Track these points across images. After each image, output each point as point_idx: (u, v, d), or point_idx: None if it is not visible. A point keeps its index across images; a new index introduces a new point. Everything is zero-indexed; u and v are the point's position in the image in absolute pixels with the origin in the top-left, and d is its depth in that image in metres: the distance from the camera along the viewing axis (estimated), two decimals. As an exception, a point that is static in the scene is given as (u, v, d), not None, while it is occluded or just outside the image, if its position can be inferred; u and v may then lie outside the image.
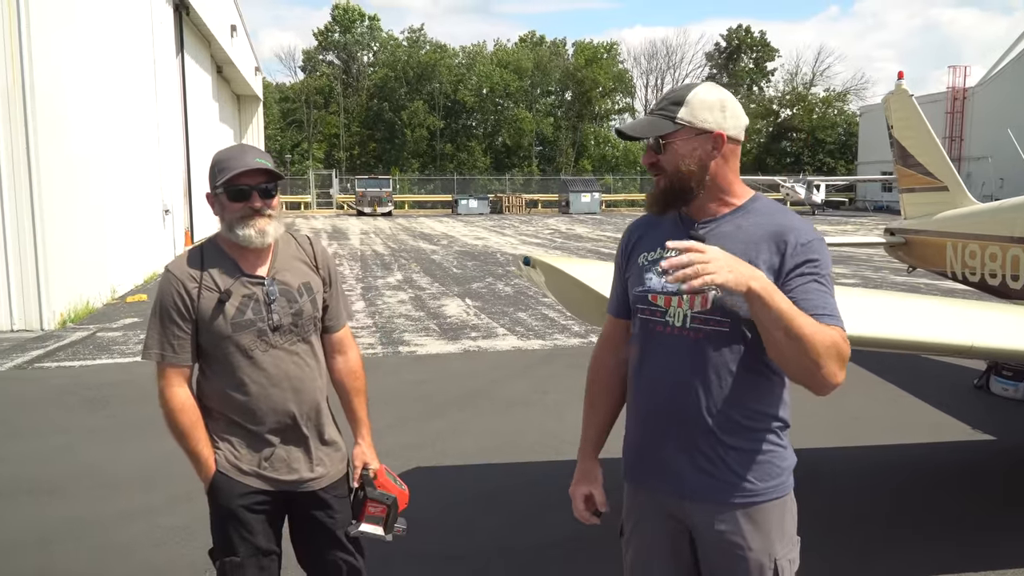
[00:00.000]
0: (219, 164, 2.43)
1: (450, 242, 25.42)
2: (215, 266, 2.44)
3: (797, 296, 1.86)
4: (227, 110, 33.55)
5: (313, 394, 2.53)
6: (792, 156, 61.96)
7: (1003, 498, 4.88)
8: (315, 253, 2.60)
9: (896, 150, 9.29)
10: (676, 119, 1.96)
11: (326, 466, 2.57)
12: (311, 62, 62.77)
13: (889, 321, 3.84)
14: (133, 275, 14.80)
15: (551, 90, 61.77)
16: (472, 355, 9.07)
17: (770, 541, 2.01)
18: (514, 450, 5.69)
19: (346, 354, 2.68)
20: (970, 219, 7.72)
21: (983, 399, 7.12)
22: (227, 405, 2.46)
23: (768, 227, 1.96)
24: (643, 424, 2.10)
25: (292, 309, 2.47)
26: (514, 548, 4.16)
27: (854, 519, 4.54)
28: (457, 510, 4.66)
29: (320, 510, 2.57)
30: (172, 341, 2.42)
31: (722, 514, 2.00)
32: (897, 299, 5.54)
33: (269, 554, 2.53)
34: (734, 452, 1.99)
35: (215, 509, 2.51)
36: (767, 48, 67.64)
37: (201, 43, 24.93)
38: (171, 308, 2.41)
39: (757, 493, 2.00)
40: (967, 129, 43.71)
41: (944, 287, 12.44)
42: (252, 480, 2.47)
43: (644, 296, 2.04)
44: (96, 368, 8.43)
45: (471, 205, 43.74)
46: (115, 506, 4.76)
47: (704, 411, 1.97)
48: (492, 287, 14.65)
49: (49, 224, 10.53)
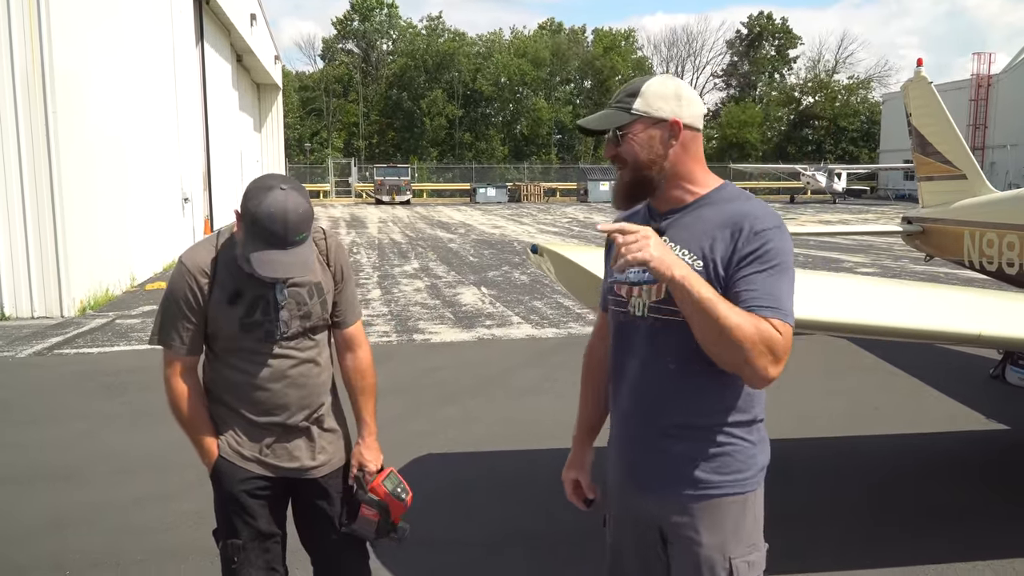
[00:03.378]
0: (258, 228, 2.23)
1: (467, 231, 25.46)
2: (229, 263, 2.41)
3: (740, 286, 1.83)
4: (247, 99, 33.70)
5: (317, 390, 2.54)
6: (814, 144, 61.45)
7: (1019, 487, 4.85)
8: (328, 249, 2.55)
9: (915, 138, 9.19)
10: (632, 110, 1.98)
11: (328, 453, 2.58)
12: (330, 51, 62.99)
13: (898, 310, 3.82)
14: (152, 263, 14.95)
15: (570, 78, 61.55)
16: (486, 343, 9.10)
17: (725, 538, 1.97)
18: (526, 438, 5.71)
19: (355, 351, 2.65)
20: (988, 208, 7.64)
21: (999, 389, 7.05)
22: (230, 395, 2.49)
23: (725, 215, 1.93)
24: (616, 415, 2.14)
25: (301, 312, 2.46)
26: (525, 534, 4.18)
27: (872, 506, 4.53)
28: (468, 496, 4.69)
29: (322, 499, 2.58)
30: (180, 332, 2.43)
31: (677, 507, 1.99)
32: (907, 288, 5.51)
33: (271, 536, 2.56)
34: (689, 444, 1.97)
35: (218, 493, 2.54)
36: (789, 35, 66.97)
37: (221, 32, 25.03)
38: (181, 300, 2.41)
39: (712, 486, 1.97)
40: (991, 117, 43.07)
41: (964, 276, 12.32)
42: (253, 466, 2.50)
43: (611, 287, 2.09)
44: (114, 355, 8.55)
45: (489, 194, 43.77)
46: (130, 491, 4.84)
47: (661, 401, 1.98)
48: (508, 276, 14.67)
49: (69, 211, 10.66)
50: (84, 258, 11.10)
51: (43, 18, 10.30)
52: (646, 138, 1.97)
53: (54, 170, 10.47)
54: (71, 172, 10.75)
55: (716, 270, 1.89)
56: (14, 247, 10.48)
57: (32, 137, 10.38)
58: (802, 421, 5.92)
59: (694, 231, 1.94)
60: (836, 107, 62.46)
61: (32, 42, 10.30)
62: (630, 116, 1.98)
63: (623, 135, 1.98)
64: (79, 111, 11.29)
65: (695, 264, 1.89)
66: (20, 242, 10.47)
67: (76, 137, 11.05)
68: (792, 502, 4.32)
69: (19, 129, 10.30)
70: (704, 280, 1.80)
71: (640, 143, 1.97)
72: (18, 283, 10.53)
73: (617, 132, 1.98)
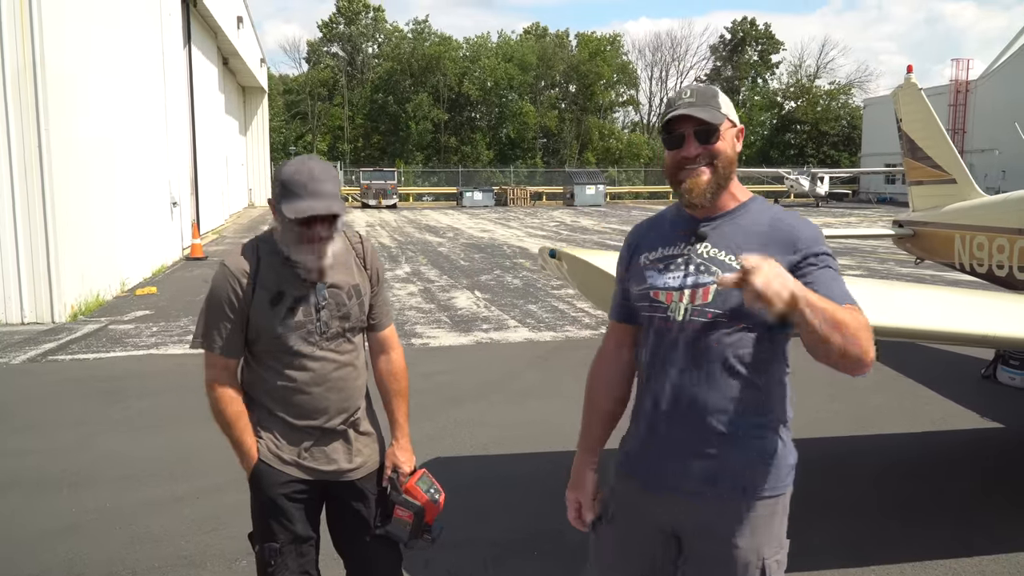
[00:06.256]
0: (288, 187, 2.34)
1: (456, 234, 25.47)
2: (270, 265, 2.45)
3: (811, 280, 1.88)
4: (232, 102, 33.60)
5: (354, 393, 2.58)
6: (796, 148, 61.95)
7: (1013, 484, 4.96)
8: (365, 252, 2.61)
9: (905, 143, 9.33)
10: (721, 110, 2.03)
11: (364, 455, 2.62)
12: (316, 54, 62.79)
13: (906, 311, 3.90)
14: (142, 268, 14.86)
15: (555, 83, 61.71)
16: (485, 347, 9.13)
17: (759, 540, 2.00)
18: (531, 441, 5.76)
19: (389, 354, 2.71)
20: (978, 211, 7.77)
21: (990, 388, 7.19)
22: (270, 398, 2.51)
23: (769, 225, 2.01)
24: (647, 419, 2.10)
25: (340, 312, 2.50)
26: (535, 535, 4.23)
27: (871, 503, 4.62)
28: (476, 497, 4.73)
29: (357, 501, 2.61)
30: (223, 334, 2.45)
31: (714, 510, 2.00)
32: (912, 290, 5.61)
33: (307, 540, 2.59)
34: (733, 449, 1.99)
35: (256, 497, 2.56)
36: (772, 40, 67.53)
37: (208, 34, 24.95)
38: (224, 302, 2.44)
39: (752, 490, 2.00)
40: (969, 122, 43.63)
41: (949, 278, 12.49)
42: (292, 470, 2.52)
43: (646, 293, 2.06)
44: (110, 361, 8.51)
45: (476, 197, 43.75)
46: (140, 496, 4.83)
47: (703, 406, 1.98)
48: (500, 279, 14.71)
49: (60, 216, 10.56)
50: (75, 263, 11.01)
51: (35, 19, 10.20)
52: (731, 137, 2.06)
53: (45, 174, 10.35)
54: (62, 176, 10.65)
55: None
56: (4, 252, 10.35)
57: (23, 140, 10.26)
58: (804, 422, 6.00)
59: (736, 238, 2.00)
60: (818, 112, 63.02)
61: (24, 43, 10.19)
62: (722, 115, 2.03)
63: (718, 133, 2.01)
64: (71, 114, 11.22)
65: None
66: (10, 247, 10.35)
67: (67, 140, 10.96)
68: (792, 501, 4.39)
69: (10, 132, 10.18)
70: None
71: (727, 142, 2.04)
72: (8, 288, 10.42)
73: (710, 131, 2.01)
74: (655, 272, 2.06)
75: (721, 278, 1.71)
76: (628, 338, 2.21)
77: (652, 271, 2.07)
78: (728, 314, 1.95)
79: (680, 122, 2.02)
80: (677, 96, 2.06)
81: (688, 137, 2.01)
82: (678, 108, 2.01)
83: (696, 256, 2.02)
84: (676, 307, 2.01)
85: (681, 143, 2.02)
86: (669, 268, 2.05)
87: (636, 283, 2.11)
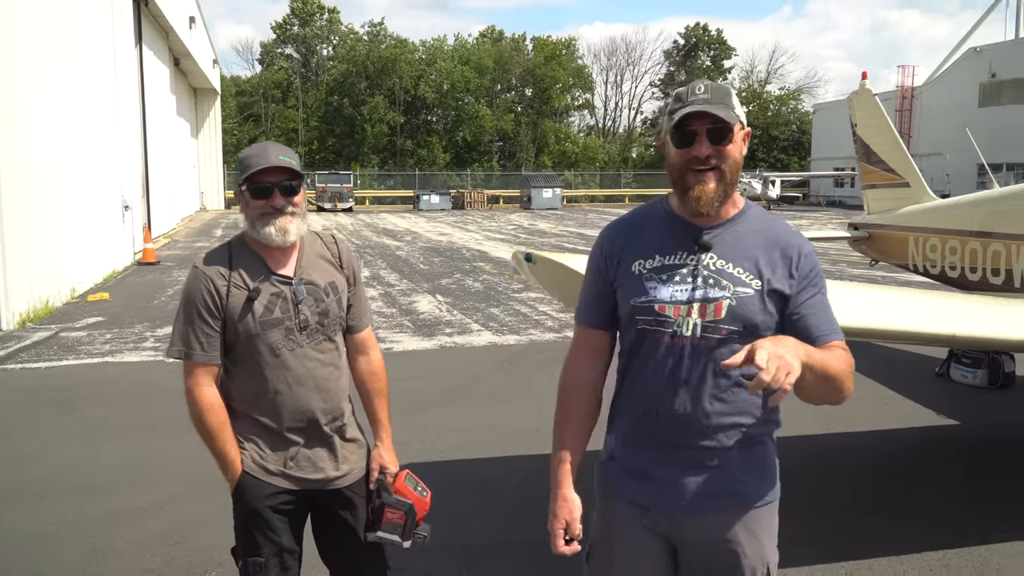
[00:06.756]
0: (243, 161, 2.43)
1: (414, 238, 25.33)
2: (243, 264, 2.44)
3: (807, 311, 1.92)
4: (184, 103, 32.99)
5: (338, 394, 2.55)
6: (748, 152, 62.79)
7: (973, 479, 5.11)
8: (339, 252, 2.61)
9: (859, 147, 9.54)
10: (735, 111, 1.93)
11: (351, 463, 2.59)
12: (269, 55, 61.91)
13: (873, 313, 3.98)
14: (93, 273, 14.48)
15: (511, 86, 61.80)
16: (450, 351, 9.09)
17: (763, 546, 2.01)
18: (500, 445, 5.75)
19: (368, 354, 2.69)
20: (931, 214, 7.98)
21: (945, 386, 7.39)
22: (252, 405, 2.47)
23: (768, 235, 1.99)
24: (639, 439, 2.04)
25: (319, 308, 2.48)
26: (509, 539, 4.22)
27: (845, 500, 4.72)
28: (450, 502, 4.66)
29: (344, 509, 2.58)
30: (200, 339, 2.40)
31: (720, 523, 1.99)
32: (877, 291, 5.73)
33: (292, 553, 2.54)
34: (739, 459, 1.98)
35: (240, 510, 2.50)
36: (724, 46, 68.53)
37: (159, 35, 24.47)
38: (200, 305, 2.40)
39: (756, 498, 2.01)
40: (915, 127, 44.83)
41: (900, 279, 12.80)
42: (279, 480, 2.48)
43: (650, 307, 1.96)
44: (62, 369, 8.27)
45: (433, 201, 43.54)
46: (102, 508, 4.71)
47: (712, 419, 1.94)
48: (461, 283, 14.67)
49: (7, 221, 10.23)
50: (23, 269, 10.66)
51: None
52: (740, 140, 1.97)
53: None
54: (10, 180, 10.32)
55: (772, 289, 1.94)
56: (-50, 258, 10.02)
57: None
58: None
59: (739, 248, 1.97)
60: (768, 117, 64.16)
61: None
62: (736, 115, 1.92)
63: (732, 134, 1.92)
64: (19, 117, 10.90)
65: (752, 282, 1.94)
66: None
67: (15, 144, 10.64)
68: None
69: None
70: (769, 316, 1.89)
71: (737, 145, 1.96)
72: (-48, 297, 10.08)
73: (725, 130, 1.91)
74: (657, 283, 1.96)
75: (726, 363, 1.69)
76: (604, 344, 2.13)
77: (654, 282, 1.96)
78: (742, 330, 1.91)
79: (693, 119, 1.91)
80: (689, 91, 1.93)
81: (700, 135, 1.91)
82: (692, 104, 1.90)
83: (703, 268, 1.95)
84: (684, 322, 1.93)
85: (692, 141, 1.91)
86: (674, 280, 1.95)
87: (634, 294, 1.99)
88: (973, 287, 6.88)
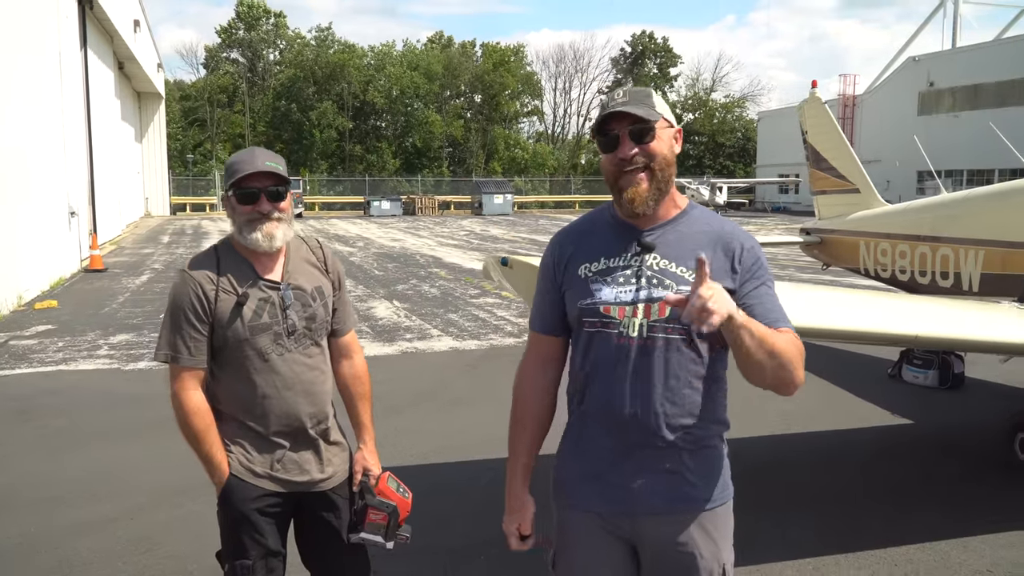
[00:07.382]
0: (230, 166, 2.45)
1: (366, 244, 25.18)
2: (231, 269, 2.45)
3: (752, 302, 1.92)
4: (128, 108, 32.26)
5: (324, 398, 2.57)
6: (694, 159, 63.94)
7: (931, 476, 5.31)
8: (325, 257, 2.64)
9: (810, 154, 9.81)
10: (656, 109, 1.96)
11: (335, 465, 2.61)
12: (214, 59, 60.83)
13: (835, 314, 4.13)
14: (39, 281, 14.07)
15: (461, 92, 61.82)
16: (412, 357, 9.08)
17: (719, 547, 2.03)
18: (470, 448, 5.77)
19: (352, 358, 2.71)
20: (881, 219, 8.26)
21: (897, 387, 7.64)
22: (239, 408, 2.47)
23: (711, 234, 2.00)
24: (591, 442, 2.03)
25: (306, 313, 2.50)
26: (486, 540, 4.25)
27: (807, 497, 4.85)
28: (427, 505, 4.69)
29: (328, 511, 2.60)
30: (188, 343, 2.40)
31: (676, 525, 1.99)
32: (839, 294, 5.91)
33: (277, 555, 2.55)
34: (690, 461, 1.98)
35: (227, 512, 2.50)
36: (670, 54, 69.55)
37: (104, 38, 23.91)
38: (188, 309, 2.40)
39: (708, 500, 2.01)
40: (856, 134, 46.16)
41: (847, 283, 13.16)
42: (265, 483, 2.49)
43: (595, 308, 1.96)
44: (16, 378, 8.04)
45: (384, 207, 43.33)
46: (66, 519, 4.60)
47: (663, 421, 1.94)
48: (417, 288, 14.64)
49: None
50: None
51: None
52: (668, 138, 2.00)
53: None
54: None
55: None
56: None
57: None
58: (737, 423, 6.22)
59: (682, 247, 1.97)
60: (714, 124, 65.35)
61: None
62: (656, 114, 1.96)
63: (653, 132, 1.95)
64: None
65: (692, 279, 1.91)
66: None
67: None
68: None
69: None
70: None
71: (664, 141, 1.98)
72: None
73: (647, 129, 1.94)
74: (602, 285, 1.97)
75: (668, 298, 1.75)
76: (557, 350, 2.15)
77: (598, 284, 1.98)
78: (687, 328, 1.90)
79: (614, 122, 1.95)
80: (610, 97, 1.98)
81: (623, 136, 1.95)
82: (611, 107, 1.95)
83: (647, 269, 1.96)
84: (630, 322, 1.94)
85: (616, 144, 1.95)
86: (618, 281, 1.97)
87: (580, 296, 2.00)
88: (923, 290, 7.12)
